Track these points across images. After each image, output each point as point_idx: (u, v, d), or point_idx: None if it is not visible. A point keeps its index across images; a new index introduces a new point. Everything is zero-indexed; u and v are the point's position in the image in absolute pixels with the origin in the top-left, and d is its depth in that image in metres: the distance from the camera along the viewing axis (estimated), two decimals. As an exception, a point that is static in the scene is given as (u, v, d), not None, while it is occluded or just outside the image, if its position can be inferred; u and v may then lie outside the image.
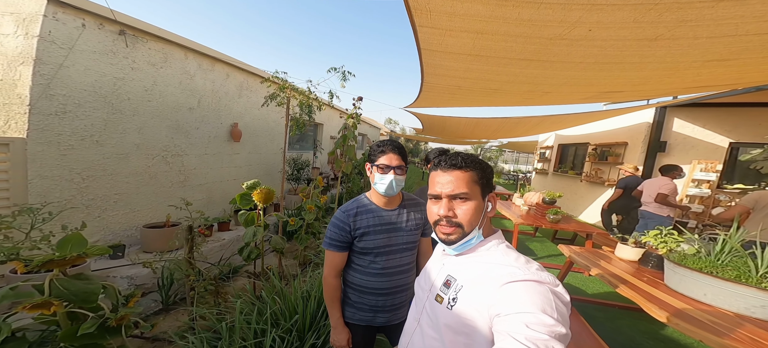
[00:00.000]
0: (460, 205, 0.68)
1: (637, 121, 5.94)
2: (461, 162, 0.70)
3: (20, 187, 1.94)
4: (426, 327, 0.71)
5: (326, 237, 1.18)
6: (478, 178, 0.69)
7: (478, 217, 0.68)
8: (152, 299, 2.31)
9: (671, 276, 1.83)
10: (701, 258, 1.74)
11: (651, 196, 3.68)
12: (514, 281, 0.57)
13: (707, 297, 1.60)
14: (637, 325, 2.66)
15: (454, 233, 0.68)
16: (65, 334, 1.04)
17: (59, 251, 1.08)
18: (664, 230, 2.14)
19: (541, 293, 0.54)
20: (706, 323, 1.40)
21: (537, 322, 0.50)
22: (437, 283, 0.73)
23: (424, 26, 2.02)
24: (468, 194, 0.67)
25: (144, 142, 2.89)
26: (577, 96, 3.54)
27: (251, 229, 2.47)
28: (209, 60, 3.59)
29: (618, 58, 2.05)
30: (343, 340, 1.20)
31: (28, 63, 1.95)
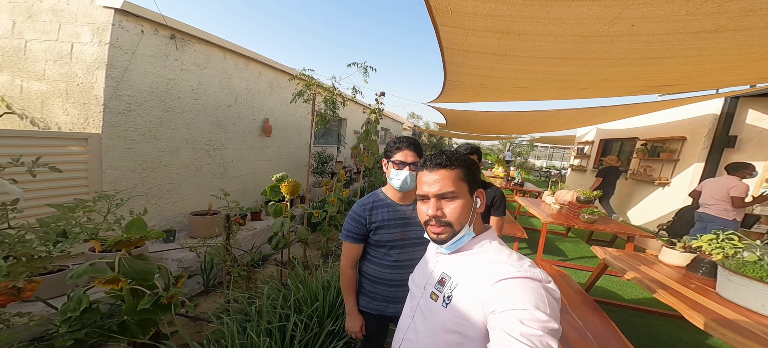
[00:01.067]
0: (448, 204, 0.68)
1: (700, 113, 5.20)
2: (446, 160, 0.70)
3: (96, 176, 2.31)
4: (420, 324, 0.72)
5: (344, 229, 1.25)
6: (464, 175, 0.69)
7: (467, 215, 0.69)
8: (196, 281, 2.61)
9: (725, 284, 1.66)
10: (763, 266, 1.53)
11: (714, 198, 3.24)
12: (508, 278, 0.57)
13: (766, 307, 1.45)
14: (679, 334, 2.43)
15: (445, 232, 0.68)
16: (128, 308, 1.25)
17: (126, 233, 1.29)
18: (721, 234, 1.90)
19: (533, 289, 0.55)
20: (761, 337, 1.27)
21: (531, 318, 0.50)
22: (432, 280, 0.73)
23: (446, 26, 1.97)
24: (455, 192, 0.67)
25: (191, 137, 3.23)
26: (622, 90, 3.20)
27: (279, 219, 2.66)
28: (244, 59, 3.86)
29: (670, 52, 1.83)
30: (356, 327, 1.27)
31: (101, 67, 2.29)
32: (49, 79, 2.31)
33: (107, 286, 1.25)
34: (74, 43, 2.27)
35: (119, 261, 1.29)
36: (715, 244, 1.88)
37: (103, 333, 1.29)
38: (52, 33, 2.27)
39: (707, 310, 1.51)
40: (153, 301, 1.34)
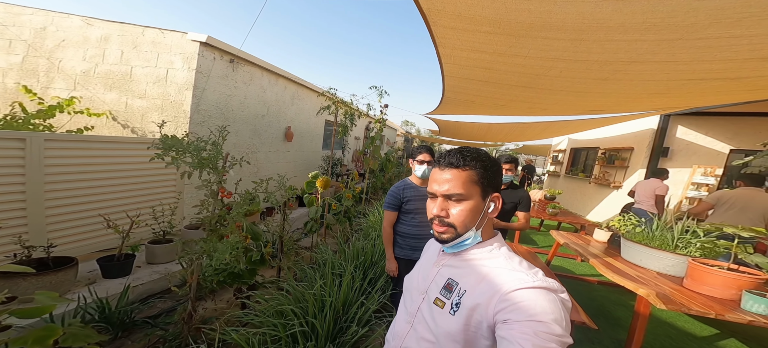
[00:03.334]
0: (455, 206, 0.66)
1: (642, 128, 6.38)
2: (459, 160, 0.66)
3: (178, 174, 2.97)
4: (422, 330, 0.68)
5: (385, 202, 2.06)
6: (478, 178, 0.66)
7: (475, 219, 0.66)
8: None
9: (624, 248, 2.53)
10: (643, 234, 2.44)
11: (646, 196, 4.14)
12: (523, 288, 0.55)
13: (642, 261, 2.28)
14: (609, 296, 3.37)
15: (446, 233, 0.67)
16: (248, 259, 1.99)
17: (252, 207, 2.03)
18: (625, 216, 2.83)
19: (550, 301, 0.53)
20: (634, 277, 2.03)
21: (547, 331, 0.49)
22: (435, 286, 0.70)
23: (449, 64, 2.87)
24: (463, 195, 0.65)
25: (238, 142, 3.93)
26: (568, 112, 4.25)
27: (314, 208, 3.42)
28: (274, 76, 4.60)
29: (587, 89, 2.80)
30: (393, 267, 2.07)
31: (189, 88, 2.98)
32: (149, 97, 2.98)
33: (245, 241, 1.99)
34: (169, 69, 2.95)
35: (246, 224, 2.03)
36: (622, 223, 2.80)
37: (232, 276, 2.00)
38: (152, 60, 2.95)
39: (610, 266, 2.18)
40: (260, 255, 2.09)
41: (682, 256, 2.12)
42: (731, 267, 1.84)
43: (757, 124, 5.37)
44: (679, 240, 2.22)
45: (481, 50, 2.46)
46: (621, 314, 3.04)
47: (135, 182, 2.52)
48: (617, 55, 1.91)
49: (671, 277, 2.11)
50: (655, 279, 2.03)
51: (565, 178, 9.69)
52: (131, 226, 2.23)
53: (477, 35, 2.11)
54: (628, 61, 1.98)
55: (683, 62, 1.81)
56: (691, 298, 1.74)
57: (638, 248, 2.36)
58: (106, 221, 2.10)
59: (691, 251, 2.12)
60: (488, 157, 0.70)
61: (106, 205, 2.33)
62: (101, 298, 1.80)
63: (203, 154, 1.51)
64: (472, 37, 2.21)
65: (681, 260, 2.12)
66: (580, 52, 2.01)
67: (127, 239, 2.21)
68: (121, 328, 1.80)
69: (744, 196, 3.15)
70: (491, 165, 0.69)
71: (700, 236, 2.12)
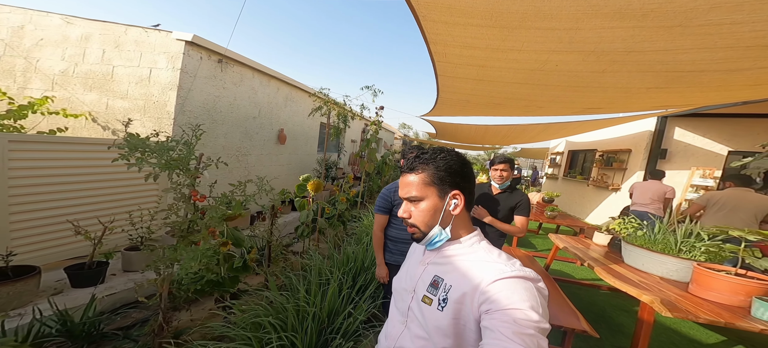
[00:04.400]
0: (415, 207, 0.70)
1: (640, 130, 6.33)
2: (415, 164, 0.71)
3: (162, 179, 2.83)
4: (415, 328, 0.70)
5: (376, 205, 1.94)
6: (431, 179, 0.69)
7: (436, 217, 0.69)
8: (241, 257, 3.17)
9: (625, 252, 2.43)
10: (644, 237, 2.34)
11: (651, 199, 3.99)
12: (503, 278, 0.58)
13: (644, 265, 2.18)
14: (610, 301, 3.25)
15: (414, 232, 0.72)
16: (229, 267, 1.86)
17: (234, 210, 1.91)
18: (626, 219, 2.73)
19: (527, 289, 0.56)
20: (637, 283, 1.94)
21: (525, 318, 0.51)
22: (422, 283, 0.72)
23: (442, 62, 2.78)
24: (419, 197, 0.69)
25: (227, 144, 3.81)
26: (565, 110, 4.16)
27: (305, 212, 3.30)
28: (266, 77, 4.50)
29: (584, 83, 2.71)
30: (383, 274, 1.95)
31: (173, 89, 2.87)
32: (131, 97, 2.86)
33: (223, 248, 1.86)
34: (152, 69, 2.84)
35: (227, 229, 1.90)
36: (622, 226, 2.70)
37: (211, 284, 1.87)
38: (135, 60, 2.84)
39: (612, 271, 2.08)
40: (242, 261, 1.96)
41: (686, 260, 2.03)
42: (739, 272, 1.74)
43: (755, 125, 5.33)
44: (683, 244, 2.12)
45: (474, 46, 2.37)
46: (623, 320, 2.92)
47: (111, 185, 2.39)
48: (614, 44, 1.83)
49: (675, 283, 2.02)
50: (659, 284, 1.94)
51: (563, 180, 9.62)
52: (104, 232, 2.10)
53: (469, 29, 2.03)
54: (625, 51, 1.89)
55: (683, 50, 1.72)
56: (698, 304, 1.65)
57: (640, 252, 2.27)
58: (75, 227, 1.96)
59: (696, 255, 2.03)
60: (447, 157, 0.71)
61: (78, 210, 2.20)
62: (64, 309, 1.66)
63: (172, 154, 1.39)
64: (464, 32, 2.13)
65: (685, 265, 2.03)
66: (576, 42, 1.92)
67: (99, 246, 2.08)
68: (87, 341, 1.67)
69: (734, 197, 3.13)
70: (446, 165, 0.70)
71: (705, 240, 2.02)
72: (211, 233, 1.57)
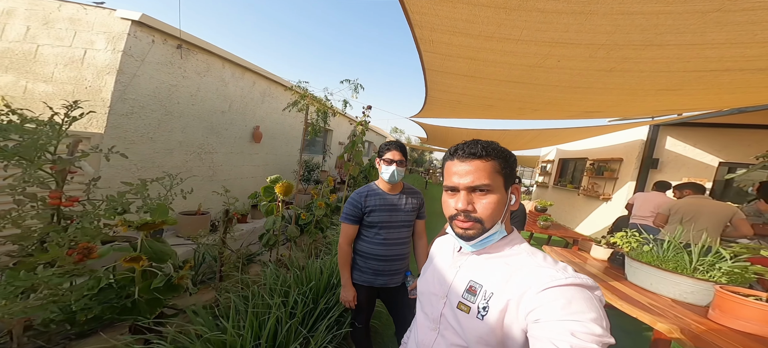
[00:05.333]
0: (481, 198, 0.62)
1: (632, 139, 6.22)
2: (481, 150, 0.62)
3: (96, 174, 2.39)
4: (450, 336, 0.64)
5: (343, 213, 1.58)
6: (501, 168, 0.63)
7: (501, 212, 0.62)
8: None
9: (629, 270, 2.18)
10: (652, 254, 2.07)
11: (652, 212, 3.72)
12: (556, 286, 0.52)
13: (653, 285, 1.94)
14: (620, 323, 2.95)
15: (473, 228, 0.62)
16: (143, 287, 1.44)
17: (152, 216, 1.50)
18: (629, 232, 2.46)
19: (587, 300, 0.49)
20: (647, 306, 1.71)
21: (585, 331, 0.46)
22: (456, 289, 0.66)
23: (428, 52, 2.46)
24: (489, 186, 0.61)
25: (186, 140, 3.37)
26: (563, 114, 3.92)
27: (272, 218, 2.89)
28: (240, 69, 4.10)
29: (586, 83, 2.44)
30: (350, 296, 1.58)
31: (112, 73, 2.44)
32: (57, 81, 2.42)
33: (131, 264, 1.44)
34: (87, 50, 2.42)
35: (142, 242, 1.49)
36: (625, 240, 2.43)
37: (115, 310, 1.45)
38: (67, 39, 2.41)
39: (616, 290, 1.91)
40: (165, 281, 1.54)
41: (703, 281, 1.76)
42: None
43: (746, 136, 5.27)
44: (699, 263, 1.85)
45: (465, 32, 2.06)
46: (625, 344, 2.63)
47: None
48: (630, 36, 1.55)
49: (691, 307, 1.74)
50: (672, 308, 1.70)
51: (553, 189, 9.50)
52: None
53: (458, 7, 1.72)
54: (642, 45, 1.62)
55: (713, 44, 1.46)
56: (724, 335, 1.43)
57: (648, 271, 2.00)
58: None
59: (716, 277, 1.75)
60: (505, 149, 0.67)
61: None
62: None
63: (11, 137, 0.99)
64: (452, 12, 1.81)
65: (703, 287, 1.77)
66: (585, 32, 1.64)
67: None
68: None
69: (694, 205, 3.06)
70: (509, 155, 0.66)
71: (727, 259, 1.75)
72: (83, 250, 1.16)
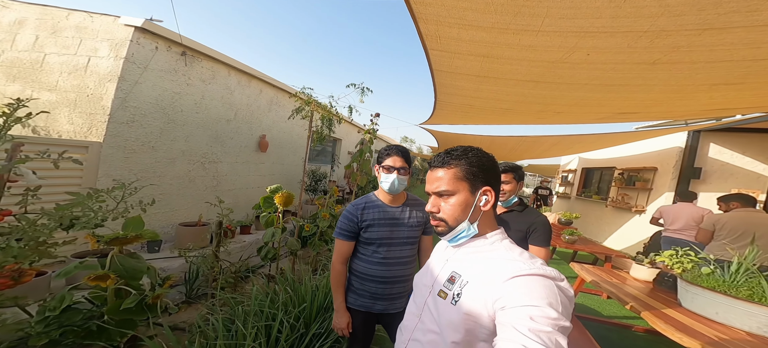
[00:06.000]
0: (445, 201, 0.71)
1: (667, 146, 5.65)
2: (447, 159, 0.72)
3: (90, 184, 2.33)
4: (428, 322, 0.72)
5: (337, 227, 1.35)
6: (464, 174, 0.70)
7: (465, 212, 0.69)
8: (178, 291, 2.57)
9: (684, 295, 1.83)
10: (715, 278, 1.71)
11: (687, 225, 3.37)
12: (520, 275, 0.57)
13: (719, 315, 1.61)
14: (650, 346, 2.50)
15: (439, 226, 0.72)
16: (111, 308, 1.26)
17: (124, 230, 1.35)
18: (679, 251, 2.08)
19: (546, 287, 0.54)
20: (715, 340, 1.41)
21: (542, 315, 0.50)
22: (440, 278, 0.73)
23: (435, 49, 2.24)
24: (451, 191, 0.70)
25: (189, 149, 3.31)
26: (591, 116, 3.54)
27: (270, 230, 2.71)
28: (247, 77, 4.07)
29: (622, 80, 2.12)
30: (343, 323, 1.33)
31: (113, 80, 2.41)
32: (60, 89, 2.41)
33: (96, 283, 1.26)
34: (91, 57, 2.41)
35: (111, 258, 1.32)
36: (675, 259, 2.05)
37: (79, 333, 1.27)
38: (73, 47, 2.42)
39: (670, 318, 1.67)
40: (137, 301, 1.35)
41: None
42: None
43: (806, 141, 4.63)
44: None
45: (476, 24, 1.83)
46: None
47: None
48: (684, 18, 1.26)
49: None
50: (748, 343, 1.41)
51: (576, 200, 8.85)
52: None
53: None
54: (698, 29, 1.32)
55: None
56: None
57: (713, 298, 1.68)
58: None
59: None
60: (479, 153, 0.73)
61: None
62: None
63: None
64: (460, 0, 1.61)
65: None
66: (622, 17, 1.37)
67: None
68: None
69: (744, 220, 2.71)
70: (479, 161, 0.72)
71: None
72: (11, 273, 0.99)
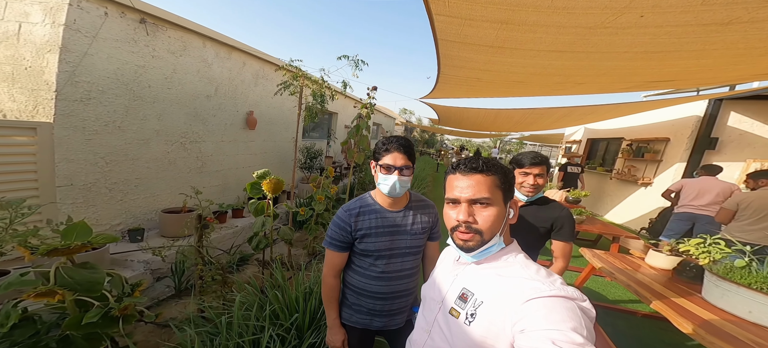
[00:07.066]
0: (481, 211, 0.65)
1: (684, 115, 5.32)
2: (483, 165, 0.66)
3: (47, 169, 2.05)
4: (438, 340, 0.69)
5: (327, 236, 1.13)
6: (500, 183, 0.67)
7: (500, 224, 0.66)
8: (166, 284, 2.42)
9: (712, 289, 1.66)
10: (751, 272, 1.53)
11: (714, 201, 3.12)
12: (540, 297, 0.54)
13: (752, 314, 1.44)
14: (662, 336, 2.45)
15: (473, 240, 0.65)
16: (70, 323, 1.07)
17: (64, 239, 1.11)
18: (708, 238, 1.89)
19: (569, 309, 0.52)
20: (748, 344, 1.26)
21: (565, 340, 0.48)
22: (451, 295, 0.70)
23: (442, 15, 1.84)
24: (489, 199, 0.64)
25: (163, 128, 2.98)
26: (617, 86, 3.18)
27: (260, 218, 2.49)
28: (226, 48, 3.61)
29: (675, 46, 1.77)
30: (338, 341, 1.16)
31: (54, 51, 2.03)
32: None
33: (41, 299, 1.07)
34: (22, 23, 2.00)
35: (56, 270, 1.10)
36: (703, 249, 1.87)
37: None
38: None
39: (694, 316, 1.51)
40: (101, 314, 1.17)
41: None
42: None
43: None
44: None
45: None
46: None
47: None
48: None
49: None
50: None
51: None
52: None
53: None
54: None
55: None
56: None
57: (748, 295, 1.52)
58: None
59: None
60: (504, 165, 0.71)
61: None
62: None
63: None
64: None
65: None
66: None
67: None
68: None
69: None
70: (508, 171, 0.70)
71: None
72: None
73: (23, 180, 1.94)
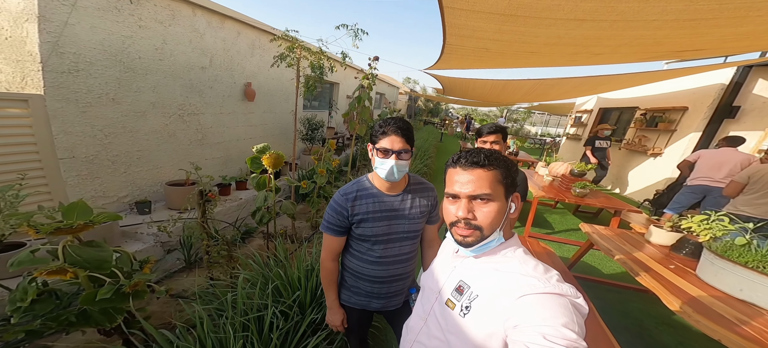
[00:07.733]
0: (481, 207, 0.63)
1: (707, 83, 4.99)
2: (484, 160, 0.64)
3: (46, 142, 2.04)
4: (433, 328, 0.70)
5: (324, 220, 1.13)
6: (502, 178, 0.65)
7: (500, 220, 0.64)
8: (176, 257, 2.52)
9: (707, 267, 1.66)
10: (751, 251, 1.51)
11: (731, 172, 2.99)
12: (534, 293, 0.55)
13: (743, 292, 1.45)
14: (648, 309, 2.54)
15: (472, 236, 0.64)
16: (85, 298, 1.14)
17: (66, 219, 1.13)
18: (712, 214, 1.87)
19: (562, 305, 0.52)
20: (733, 322, 1.29)
21: (557, 335, 0.48)
22: (448, 286, 0.70)
23: None
24: (490, 195, 0.63)
25: (159, 100, 2.93)
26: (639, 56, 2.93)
27: (262, 193, 2.52)
28: (218, 17, 3.40)
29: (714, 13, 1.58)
30: (337, 321, 1.22)
31: (32, 20, 1.93)
32: None
33: (52, 276, 1.12)
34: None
35: (63, 249, 1.14)
36: (705, 226, 1.84)
37: (61, 323, 1.20)
38: None
39: (684, 293, 1.50)
40: (114, 290, 1.24)
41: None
42: None
43: None
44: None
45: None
46: (667, 340, 2.25)
47: None
48: None
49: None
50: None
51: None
52: None
53: None
54: None
55: None
56: None
57: (742, 273, 1.47)
58: None
59: None
60: (507, 158, 0.69)
61: None
62: None
63: None
64: None
65: None
66: None
67: None
68: None
69: None
70: (511, 164, 0.68)
71: None
72: None
73: (25, 152, 1.95)
